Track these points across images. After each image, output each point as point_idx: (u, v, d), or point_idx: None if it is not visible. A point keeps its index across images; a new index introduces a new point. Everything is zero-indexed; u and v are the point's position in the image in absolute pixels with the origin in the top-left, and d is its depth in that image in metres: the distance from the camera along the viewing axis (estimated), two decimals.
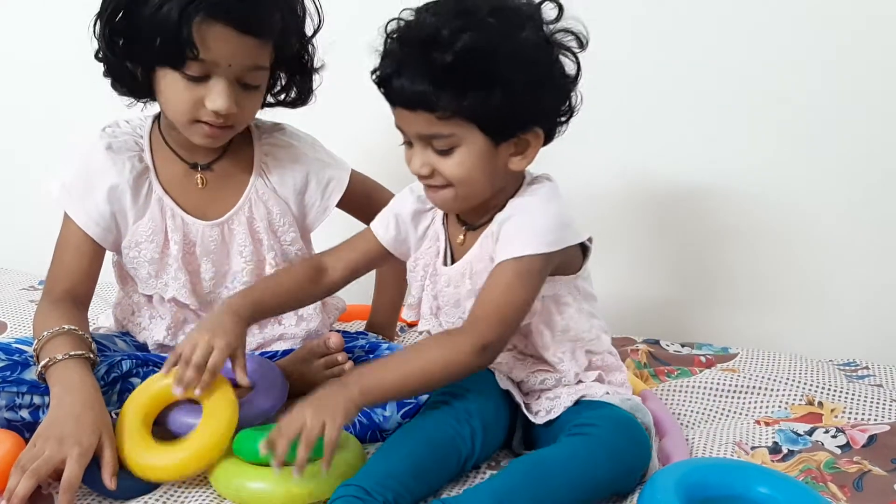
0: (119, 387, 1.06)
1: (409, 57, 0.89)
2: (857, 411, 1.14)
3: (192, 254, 1.14)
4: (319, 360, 1.10)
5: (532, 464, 0.90)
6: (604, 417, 0.96)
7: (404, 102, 0.91)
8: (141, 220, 1.11)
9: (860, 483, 0.96)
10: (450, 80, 0.87)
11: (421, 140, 0.94)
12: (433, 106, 0.89)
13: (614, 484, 0.93)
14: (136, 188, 1.11)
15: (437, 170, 0.94)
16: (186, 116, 1.04)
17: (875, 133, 1.37)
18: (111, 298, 1.62)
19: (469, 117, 0.90)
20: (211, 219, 1.14)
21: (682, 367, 1.29)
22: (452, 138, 0.91)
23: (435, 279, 1.04)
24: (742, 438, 1.08)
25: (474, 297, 0.97)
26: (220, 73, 1.01)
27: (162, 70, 1.02)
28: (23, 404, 1.01)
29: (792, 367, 1.27)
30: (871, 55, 1.34)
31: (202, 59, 0.98)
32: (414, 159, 0.95)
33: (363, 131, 1.42)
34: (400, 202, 1.08)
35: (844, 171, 1.41)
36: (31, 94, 1.91)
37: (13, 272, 1.88)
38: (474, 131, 0.91)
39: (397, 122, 0.95)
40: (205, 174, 1.14)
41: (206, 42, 0.97)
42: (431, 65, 0.87)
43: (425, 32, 0.88)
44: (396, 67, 0.90)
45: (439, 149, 0.93)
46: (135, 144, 1.13)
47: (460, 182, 0.94)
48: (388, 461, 0.91)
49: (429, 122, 0.91)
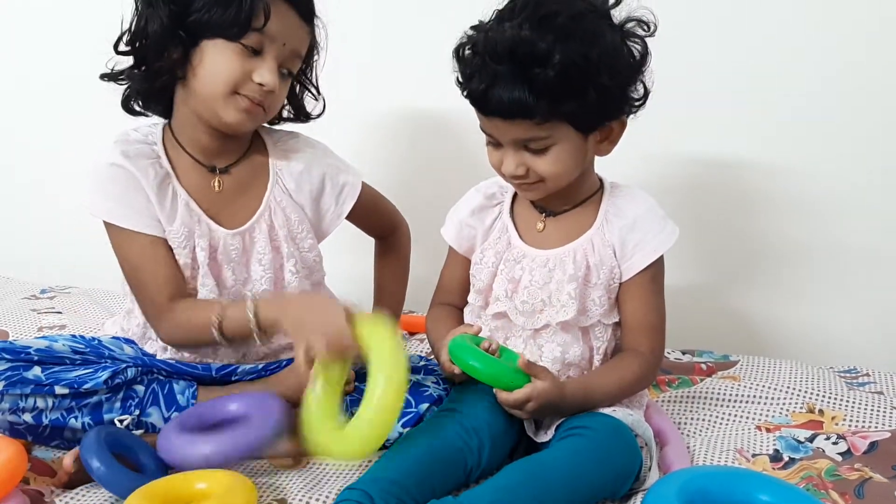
0: (122, 393, 1.06)
1: (505, 71, 0.93)
2: (857, 419, 1.14)
3: (215, 259, 1.14)
4: None
5: (527, 465, 0.92)
6: (596, 422, 0.98)
7: (501, 114, 0.96)
8: (172, 224, 1.10)
9: (861, 490, 0.96)
10: (550, 92, 0.92)
11: (515, 144, 0.99)
12: (532, 114, 0.94)
13: (607, 486, 0.94)
14: (162, 194, 1.10)
15: (532, 168, 1.00)
16: (229, 87, 1.05)
17: (876, 136, 1.38)
18: (114, 307, 1.63)
19: (564, 119, 0.96)
20: (228, 226, 1.14)
21: (683, 376, 1.29)
22: (548, 139, 0.97)
23: (511, 264, 1.08)
24: (743, 446, 1.08)
25: (575, 282, 1.03)
26: (273, 50, 1.05)
27: (211, 41, 1.04)
28: (26, 408, 1.02)
29: (792, 375, 1.27)
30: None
31: (265, 30, 1.03)
32: (507, 161, 1.00)
33: (354, 141, 1.43)
34: (463, 204, 1.14)
35: (843, 176, 1.41)
36: (32, 105, 1.91)
37: (15, 281, 1.88)
38: (568, 129, 0.97)
39: (488, 129, 1.00)
40: (222, 178, 1.15)
41: (272, 16, 1.03)
42: (532, 79, 0.91)
43: (519, 48, 0.91)
44: (491, 81, 0.94)
45: (534, 149, 0.98)
46: (151, 151, 1.12)
47: (554, 177, 1.00)
48: (393, 468, 0.91)
49: (525, 129, 0.96)
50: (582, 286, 1.04)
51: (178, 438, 1.00)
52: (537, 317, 1.06)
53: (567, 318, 1.04)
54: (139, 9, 1.07)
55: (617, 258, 1.05)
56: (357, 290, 1.14)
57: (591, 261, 1.05)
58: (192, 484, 0.94)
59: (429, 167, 1.65)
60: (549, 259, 1.06)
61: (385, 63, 1.62)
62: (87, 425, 1.03)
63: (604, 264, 1.04)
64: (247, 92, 1.06)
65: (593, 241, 1.05)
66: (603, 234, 1.05)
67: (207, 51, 1.05)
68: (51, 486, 1.00)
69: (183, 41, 1.04)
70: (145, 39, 1.06)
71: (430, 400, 1.09)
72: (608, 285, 1.05)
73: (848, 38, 1.36)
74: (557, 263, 1.06)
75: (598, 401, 1.02)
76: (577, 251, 1.05)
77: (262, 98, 1.07)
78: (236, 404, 1.07)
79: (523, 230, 1.10)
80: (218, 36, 1.04)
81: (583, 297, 1.05)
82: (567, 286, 1.04)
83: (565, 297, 1.04)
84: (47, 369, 1.04)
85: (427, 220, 1.27)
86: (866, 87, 1.37)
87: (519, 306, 1.07)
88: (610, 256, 1.04)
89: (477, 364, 0.97)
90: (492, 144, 1.02)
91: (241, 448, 0.98)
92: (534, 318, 1.07)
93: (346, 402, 1.10)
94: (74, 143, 1.86)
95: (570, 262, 1.05)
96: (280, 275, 1.16)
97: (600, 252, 1.05)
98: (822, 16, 1.37)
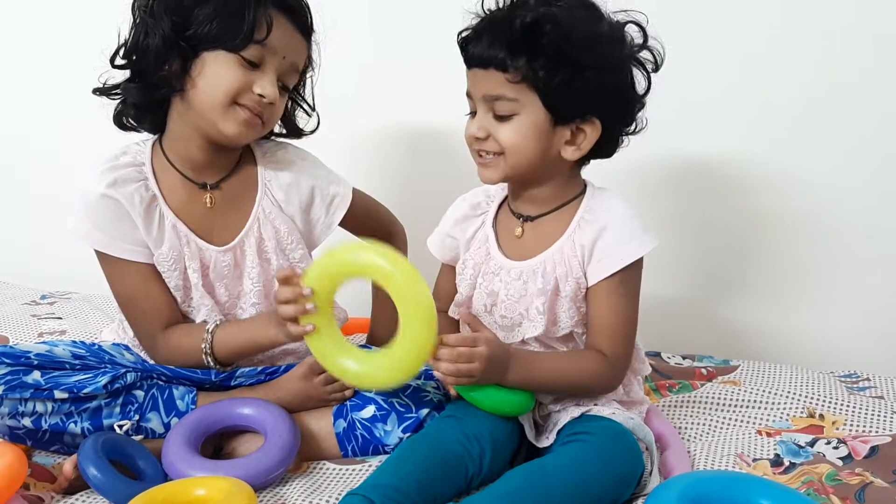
0: (122, 399, 1.06)
1: (493, 20, 0.98)
2: (858, 423, 1.14)
3: (207, 277, 1.14)
4: (319, 377, 1.10)
5: (528, 471, 0.92)
6: (598, 427, 0.97)
7: (480, 61, 0.98)
8: (161, 248, 1.11)
9: (862, 495, 0.95)
10: (525, 43, 0.94)
11: (485, 103, 0.99)
12: (505, 66, 0.95)
13: (610, 490, 0.93)
14: (149, 218, 1.10)
15: (493, 135, 1.00)
16: (229, 97, 1.05)
17: (873, 141, 1.38)
18: (113, 312, 1.62)
19: (535, 85, 0.96)
20: (219, 243, 1.14)
21: (684, 381, 1.29)
22: (515, 104, 0.97)
23: (489, 276, 1.07)
24: (744, 451, 1.08)
25: (545, 296, 1.02)
26: (273, 62, 1.06)
27: (212, 53, 1.04)
28: (25, 412, 1.02)
29: (793, 379, 1.27)
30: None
31: (266, 43, 1.04)
32: (472, 123, 1.01)
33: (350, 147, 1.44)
34: (448, 214, 1.15)
35: (842, 182, 1.41)
36: (32, 111, 1.91)
37: (15, 287, 1.88)
38: (537, 103, 0.97)
39: (468, 87, 1.02)
40: (213, 193, 1.14)
41: (274, 29, 1.04)
42: (512, 25, 0.95)
43: (522, 7, 0.96)
44: (480, 30, 0.98)
45: (500, 113, 0.99)
46: (137, 174, 1.11)
47: (511, 150, 1.00)
48: (395, 474, 0.91)
49: (498, 83, 0.97)
50: (552, 299, 1.03)
51: (186, 461, 1.00)
52: (517, 330, 1.06)
53: (536, 333, 1.03)
54: (138, 21, 1.06)
55: (583, 265, 1.02)
56: (353, 296, 1.14)
57: (559, 272, 1.03)
58: (192, 490, 0.93)
59: (426, 173, 1.66)
60: (523, 272, 1.05)
61: (382, 69, 1.62)
62: (87, 430, 1.04)
63: (570, 275, 1.02)
64: (246, 102, 1.06)
65: (563, 249, 1.03)
66: (573, 240, 1.03)
67: (208, 62, 1.05)
68: (51, 491, 1.00)
69: (183, 52, 1.04)
70: (144, 52, 1.06)
71: (430, 405, 1.09)
72: (575, 296, 1.03)
73: (844, 44, 1.36)
74: (529, 276, 1.04)
75: (543, 380, 1.01)
76: (547, 262, 1.03)
77: (261, 109, 1.07)
78: (246, 410, 1.08)
79: (504, 239, 1.09)
80: (219, 47, 1.04)
81: (553, 309, 1.03)
82: (536, 301, 1.03)
83: (533, 312, 1.03)
84: (47, 374, 1.04)
85: (424, 227, 1.27)
86: (862, 92, 1.37)
87: (499, 321, 1.06)
88: (577, 266, 1.02)
89: (476, 395, 0.99)
90: (471, 115, 1.03)
91: (253, 478, 0.97)
92: (513, 333, 1.06)
93: (347, 406, 1.11)
94: (74, 149, 1.86)
95: (539, 274, 1.03)
96: (270, 287, 1.15)
97: (568, 262, 1.03)
98: (819, 24, 1.37)
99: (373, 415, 1.08)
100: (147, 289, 1.11)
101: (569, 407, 1.04)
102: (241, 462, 1.01)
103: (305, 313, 0.97)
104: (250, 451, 1.06)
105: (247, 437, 1.09)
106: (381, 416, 1.08)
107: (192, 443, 1.02)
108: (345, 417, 1.09)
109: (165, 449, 1.02)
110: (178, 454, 1.00)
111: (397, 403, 1.09)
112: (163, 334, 1.11)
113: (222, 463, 1.01)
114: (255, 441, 1.08)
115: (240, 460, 1.02)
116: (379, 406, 1.09)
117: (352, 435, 1.08)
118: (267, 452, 1.01)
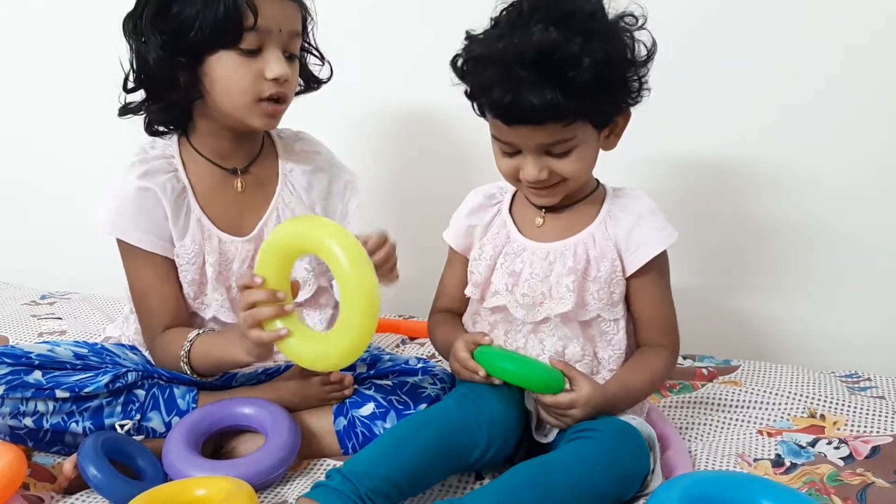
0: (123, 398, 1.06)
1: (534, 76, 0.91)
2: (859, 423, 1.14)
3: (229, 270, 1.15)
4: (316, 377, 1.10)
5: (535, 467, 0.91)
6: (604, 423, 0.97)
7: (531, 120, 0.94)
8: (183, 239, 1.11)
9: (863, 495, 0.95)
10: (584, 93, 0.92)
11: (540, 149, 0.98)
12: (562, 117, 0.94)
13: (615, 489, 0.93)
14: (177, 209, 1.11)
15: (554, 171, 1.00)
16: (249, 96, 1.06)
17: (877, 139, 1.38)
18: (113, 313, 1.63)
19: (588, 118, 0.96)
20: (244, 232, 1.15)
21: (685, 382, 1.29)
22: (572, 141, 0.97)
23: (510, 257, 1.08)
24: (745, 451, 1.07)
25: (574, 274, 1.03)
26: (273, 41, 1.05)
27: (214, 55, 1.04)
28: (27, 412, 1.02)
29: (794, 380, 1.27)
30: None
31: (258, 26, 1.03)
32: (528, 167, 0.99)
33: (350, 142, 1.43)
34: (463, 206, 1.14)
35: (846, 182, 1.41)
36: (32, 111, 1.91)
37: (15, 287, 1.88)
38: (588, 128, 0.98)
39: (508, 138, 0.98)
40: (244, 178, 1.16)
41: (260, 10, 1.02)
42: (566, 81, 0.91)
43: (552, 51, 0.90)
44: (518, 89, 0.92)
45: (558, 153, 0.98)
46: (168, 165, 1.12)
47: (576, 177, 1.01)
48: (390, 462, 0.90)
49: (552, 133, 0.95)
50: (581, 279, 1.04)
51: (186, 462, 0.99)
52: (537, 309, 1.06)
53: (565, 310, 1.03)
54: (133, 48, 1.07)
55: (621, 252, 1.04)
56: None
57: (591, 254, 1.04)
58: (192, 490, 0.93)
59: (427, 169, 1.65)
60: (550, 252, 1.06)
61: (382, 60, 1.61)
62: (88, 430, 1.03)
63: (605, 257, 1.04)
64: (267, 93, 1.06)
65: (595, 235, 1.05)
66: (605, 229, 1.05)
67: (213, 65, 1.05)
68: (51, 491, 0.99)
69: (185, 64, 1.05)
70: (149, 73, 1.07)
71: (427, 401, 1.09)
72: (609, 279, 1.04)
73: (846, 37, 1.36)
74: (558, 256, 1.05)
75: (635, 397, 1.04)
76: (578, 244, 1.05)
77: (280, 91, 1.07)
78: (246, 410, 1.08)
79: (522, 226, 1.10)
80: (217, 48, 1.04)
81: (581, 291, 1.04)
82: (565, 279, 1.04)
83: (563, 290, 1.04)
84: (48, 373, 1.04)
85: (425, 223, 1.27)
86: (865, 88, 1.37)
87: (519, 299, 1.06)
88: (612, 250, 1.04)
89: (508, 366, 0.97)
90: (506, 153, 1.01)
91: (254, 477, 0.97)
92: (534, 311, 1.06)
93: (347, 404, 1.11)
94: (74, 149, 1.86)
95: (570, 255, 1.05)
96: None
97: (601, 246, 1.05)
98: (820, 15, 1.37)
99: (372, 412, 1.08)
100: (160, 287, 1.12)
101: None
102: (242, 462, 1.01)
103: (276, 316, 0.95)
104: (251, 450, 1.06)
105: (247, 436, 1.09)
106: (381, 413, 1.08)
107: (193, 443, 1.02)
108: (345, 415, 1.09)
109: (166, 449, 1.01)
110: (178, 454, 1.00)
111: (395, 401, 1.09)
112: (161, 335, 1.11)
113: (223, 463, 1.01)
114: (255, 440, 1.07)
115: (240, 460, 1.02)
116: (378, 403, 1.09)
117: (352, 433, 1.08)
118: (267, 452, 1.01)
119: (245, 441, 1.09)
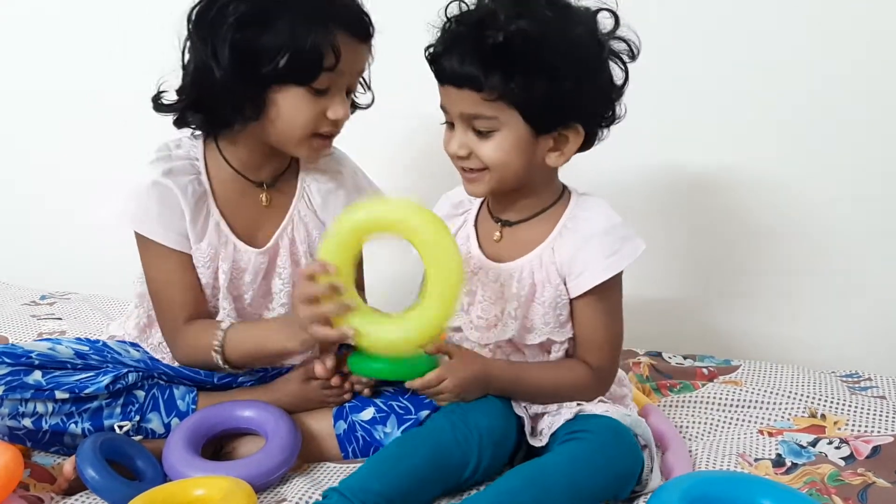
0: (123, 399, 1.06)
1: (463, 35, 0.93)
2: (860, 423, 1.14)
3: (240, 279, 1.13)
4: (316, 381, 1.10)
5: (528, 470, 0.92)
6: (596, 425, 0.97)
7: (452, 80, 0.94)
8: (200, 243, 1.10)
9: (864, 495, 0.95)
10: (499, 61, 0.90)
11: (463, 120, 0.97)
12: (480, 85, 0.92)
13: (608, 489, 0.93)
14: (197, 211, 1.09)
15: (475, 152, 0.97)
16: (307, 131, 1.04)
17: (873, 141, 1.38)
18: (113, 313, 1.63)
19: (513, 102, 0.93)
20: (259, 243, 1.13)
21: (685, 381, 1.29)
22: (494, 121, 0.95)
23: (469, 276, 1.06)
24: (745, 451, 1.07)
25: (517, 300, 1.01)
26: (342, 83, 1.04)
27: (282, 88, 1.01)
28: (26, 412, 1.02)
29: (794, 379, 1.27)
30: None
31: (336, 70, 1.00)
32: (453, 141, 0.99)
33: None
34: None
35: (847, 180, 1.41)
36: (32, 112, 1.91)
37: (15, 287, 1.88)
38: (516, 118, 0.94)
39: (443, 101, 0.99)
40: (270, 192, 1.14)
41: (341, 53, 1.00)
42: (483, 44, 0.90)
43: (481, 14, 0.93)
44: (449, 45, 0.94)
45: (480, 130, 0.96)
46: (191, 167, 1.11)
47: (496, 166, 0.97)
48: (385, 479, 0.91)
49: (474, 102, 0.94)
50: (526, 305, 1.02)
51: (187, 464, 0.99)
52: (491, 331, 1.05)
53: (507, 336, 1.03)
54: (194, 52, 1.03)
55: (564, 277, 1.01)
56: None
57: (536, 278, 1.02)
58: (191, 491, 0.93)
59: (427, 169, 1.64)
60: (500, 274, 1.04)
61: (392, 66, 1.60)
62: (87, 431, 1.03)
63: (549, 282, 1.01)
64: (323, 130, 1.05)
65: (542, 257, 1.02)
66: (552, 248, 1.02)
67: (279, 98, 1.02)
68: (50, 492, 0.99)
69: (252, 90, 1.01)
70: (209, 87, 1.01)
71: (429, 407, 1.08)
72: (555, 303, 1.02)
73: (838, 47, 1.36)
74: (506, 279, 1.04)
75: (528, 392, 1.03)
76: (524, 268, 1.03)
77: (335, 130, 1.07)
78: (247, 413, 1.08)
79: (483, 239, 1.08)
80: (290, 82, 1.01)
81: (526, 316, 1.03)
82: (509, 305, 1.03)
83: (505, 317, 1.03)
84: (48, 374, 1.04)
85: None
86: (858, 93, 1.37)
87: (475, 321, 1.06)
88: (555, 275, 1.01)
89: (377, 365, 0.98)
90: (448, 125, 1.01)
91: (254, 479, 0.97)
92: (487, 334, 1.05)
93: (347, 408, 1.10)
94: (74, 151, 1.86)
95: (515, 279, 1.03)
96: None
97: (547, 269, 1.02)
98: (819, 16, 1.36)
99: (372, 417, 1.08)
100: (183, 278, 1.10)
101: (561, 408, 1.03)
102: (242, 463, 1.01)
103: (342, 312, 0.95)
104: (251, 451, 1.06)
105: (247, 438, 1.09)
106: (381, 418, 1.07)
107: (193, 445, 1.02)
108: (345, 419, 1.09)
109: (166, 452, 1.01)
110: (179, 457, 1.00)
111: (396, 406, 1.08)
112: (184, 327, 1.09)
113: (223, 464, 1.01)
114: (255, 442, 1.07)
115: (240, 461, 1.02)
116: (378, 408, 1.08)
117: (352, 437, 1.08)
118: (267, 454, 1.01)
119: (245, 443, 1.09)
